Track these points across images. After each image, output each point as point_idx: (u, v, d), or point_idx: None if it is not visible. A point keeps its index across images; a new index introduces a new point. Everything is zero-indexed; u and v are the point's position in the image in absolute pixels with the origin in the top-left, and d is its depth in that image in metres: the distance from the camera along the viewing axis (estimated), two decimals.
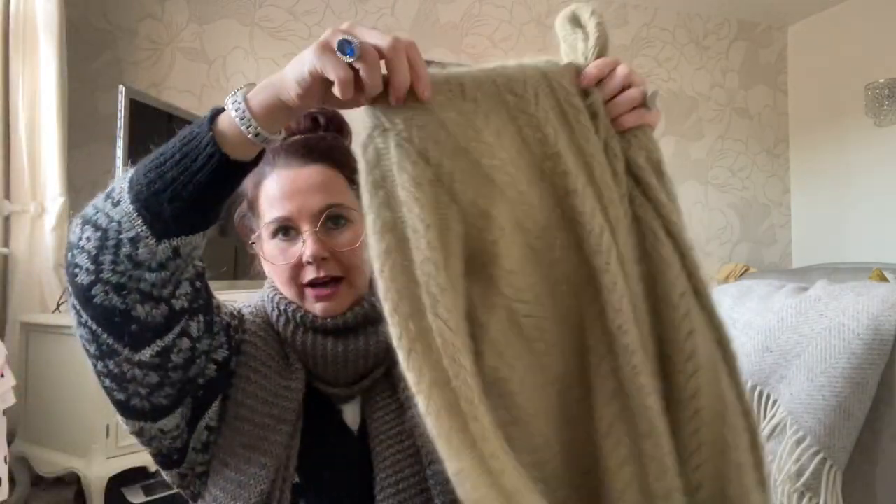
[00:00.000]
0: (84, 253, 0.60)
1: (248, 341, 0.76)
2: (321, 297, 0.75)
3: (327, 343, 0.76)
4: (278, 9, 3.09)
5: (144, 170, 0.60)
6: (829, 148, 3.90)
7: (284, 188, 0.75)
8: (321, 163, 0.77)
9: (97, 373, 0.66)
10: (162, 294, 0.62)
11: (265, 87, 0.57)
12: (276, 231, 0.76)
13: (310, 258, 0.73)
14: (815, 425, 1.01)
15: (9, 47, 2.18)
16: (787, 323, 1.10)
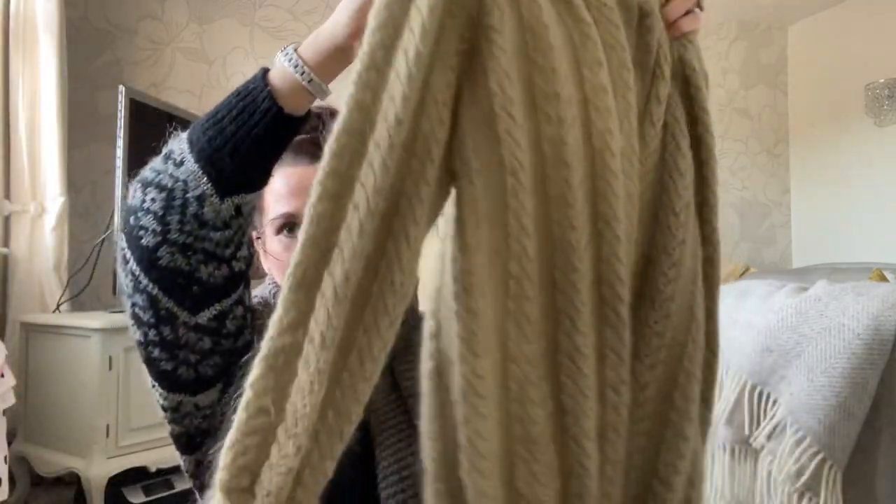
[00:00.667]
0: (150, 214, 0.61)
1: (261, 332, 0.77)
2: None
3: None
4: (278, 9, 3.09)
5: (202, 128, 0.61)
6: (829, 148, 3.90)
7: (292, 185, 0.76)
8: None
9: (147, 342, 0.67)
10: (225, 254, 0.64)
11: (315, 36, 0.61)
12: (281, 227, 0.76)
13: None
14: (815, 425, 1.01)
15: (9, 47, 2.18)
16: (787, 323, 1.10)
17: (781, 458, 1.05)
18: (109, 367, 1.79)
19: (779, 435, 1.07)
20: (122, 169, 1.72)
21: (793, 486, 1.03)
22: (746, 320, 1.18)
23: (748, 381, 1.13)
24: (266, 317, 0.76)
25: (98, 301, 2.48)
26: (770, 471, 1.09)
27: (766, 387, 1.11)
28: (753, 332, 1.15)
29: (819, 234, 3.96)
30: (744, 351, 1.15)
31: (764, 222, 4.11)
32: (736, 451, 1.18)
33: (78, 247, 2.45)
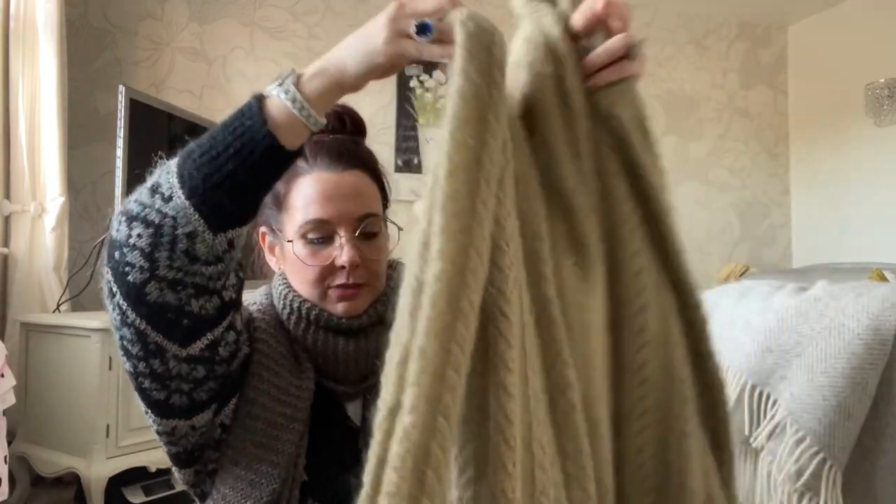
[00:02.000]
0: (136, 251, 0.59)
1: (259, 339, 0.76)
2: (345, 297, 0.76)
3: (338, 342, 0.77)
4: (278, 9, 3.08)
5: (195, 164, 0.59)
6: (829, 148, 3.90)
7: (327, 191, 0.75)
8: (360, 169, 0.78)
9: (136, 374, 0.65)
10: (216, 286, 0.63)
11: (320, 72, 0.58)
12: (308, 232, 0.75)
13: (346, 263, 0.74)
14: (815, 425, 1.01)
15: (9, 47, 2.18)
16: (787, 323, 1.10)
17: (781, 458, 1.05)
18: (109, 367, 1.79)
19: (779, 435, 1.07)
20: (122, 169, 1.72)
21: (793, 486, 1.03)
22: (746, 320, 1.18)
23: (748, 381, 1.13)
24: (266, 324, 0.78)
25: (98, 301, 2.47)
26: (770, 471, 1.09)
27: (766, 387, 1.11)
28: (753, 332, 1.15)
29: (819, 234, 3.96)
30: (744, 351, 1.15)
31: (764, 222, 4.11)
32: (736, 451, 1.18)
33: (78, 247, 2.44)
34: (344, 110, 0.84)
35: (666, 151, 4.27)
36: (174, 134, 1.99)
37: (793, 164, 4.14)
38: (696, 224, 3.92)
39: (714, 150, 3.98)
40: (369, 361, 0.77)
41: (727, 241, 4.01)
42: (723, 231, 4.00)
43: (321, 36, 3.13)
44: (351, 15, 3.18)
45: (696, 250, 3.92)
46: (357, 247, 0.75)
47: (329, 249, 0.75)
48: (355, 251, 0.74)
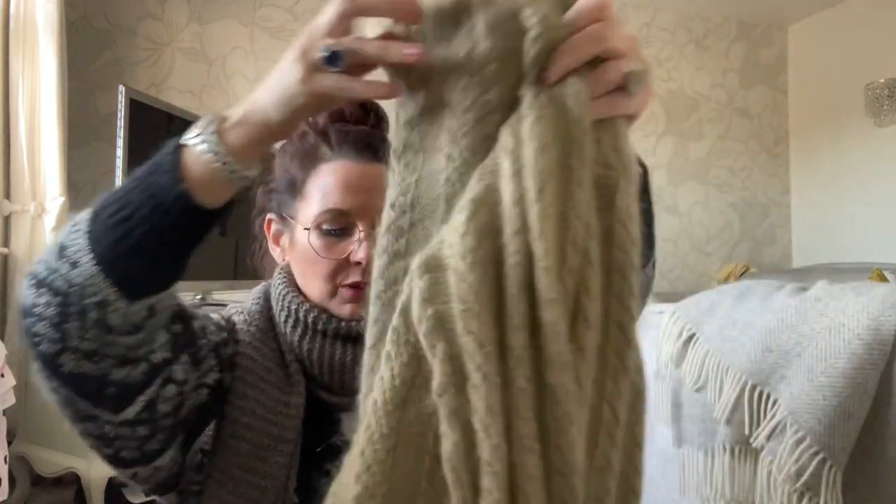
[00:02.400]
0: (44, 321, 0.51)
1: (242, 353, 0.70)
2: (355, 298, 0.70)
3: (336, 349, 0.71)
4: (278, 9, 3.09)
5: (105, 225, 0.52)
6: (828, 148, 3.90)
7: (350, 181, 0.70)
8: (383, 163, 0.68)
9: (78, 432, 0.59)
10: (139, 354, 0.56)
11: (242, 120, 0.52)
12: (325, 222, 0.70)
13: (362, 260, 0.68)
14: (815, 425, 1.01)
15: (9, 47, 2.18)
16: (787, 323, 1.10)
17: (781, 458, 1.05)
18: None
19: (779, 435, 1.07)
20: (122, 169, 1.72)
21: (793, 486, 1.03)
22: (746, 320, 1.18)
23: (748, 381, 1.13)
24: (252, 336, 0.72)
25: None
26: (770, 471, 1.09)
27: (766, 387, 1.11)
28: (753, 332, 1.15)
29: (819, 234, 3.96)
30: (744, 351, 1.15)
31: (764, 222, 4.11)
32: (736, 451, 1.18)
33: None
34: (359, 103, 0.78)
35: (666, 151, 4.31)
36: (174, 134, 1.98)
37: (793, 164, 4.14)
38: (696, 224, 3.92)
39: (714, 150, 3.98)
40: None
41: (727, 241, 4.01)
42: (723, 231, 4.00)
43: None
44: None
45: (696, 250, 3.92)
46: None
47: (345, 243, 0.70)
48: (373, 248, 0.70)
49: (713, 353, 1.21)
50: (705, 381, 1.22)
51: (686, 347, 1.28)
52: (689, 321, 1.29)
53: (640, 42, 0.54)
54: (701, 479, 1.23)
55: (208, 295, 2.07)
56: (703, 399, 1.23)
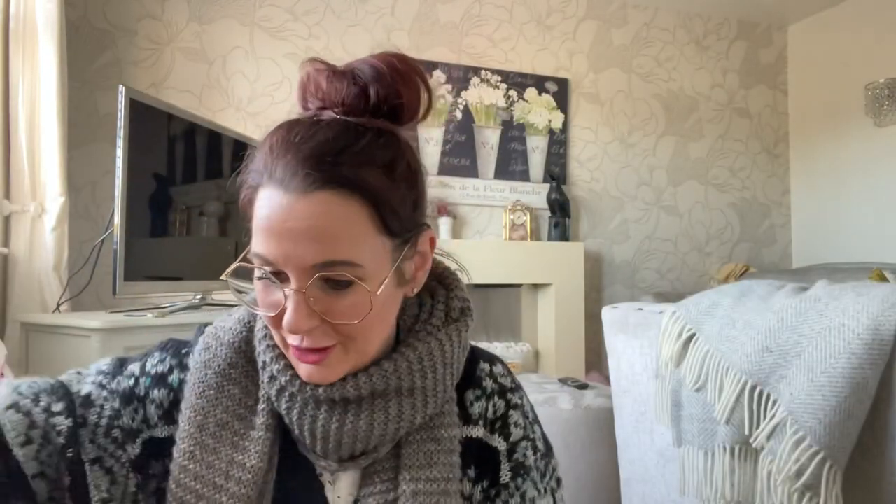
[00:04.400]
0: None
1: (192, 406, 0.59)
2: (307, 361, 0.57)
3: (319, 415, 0.59)
4: (278, 9, 3.09)
5: None
6: (828, 148, 3.90)
7: (273, 221, 0.53)
8: (334, 188, 0.52)
9: None
10: None
11: None
12: (258, 262, 0.56)
13: (285, 327, 0.54)
14: (815, 425, 1.01)
15: (9, 47, 2.17)
16: (787, 323, 1.10)
17: (781, 458, 1.05)
18: None
19: (779, 435, 1.07)
20: (122, 169, 1.72)
21: (793, 486, 1.03)
22: (746, 320, 1.18)
23: (748, 381, 1.13)
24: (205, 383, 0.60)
25: (98, 301, 2.48)
26: (770, 471, 1.09)
27: (766, 387, 1.11)
28: (753, 332, 1.15)
29: (819, 234, 3.97)
30: (744, 351, 1.15)
31: (764, 222, 4.11)
32: (736, 451, 1.18)
33: (78, 247, 2.45)
34: (376, 75, 0.57)
35: (666, 151, 4.31)
36: (174, 134, 1.99)
37: (793, 164, 4.14)
38: (696, 224, 3.92)
39: (714, 150, 3.98)
40: (359, 444, 0.60)
41: (727, 241, 4.01)
42: (723, 231, 4.00)
43: (321, 36, 3.13)
44: (351, 15, 3.18)
45: (696, 250, 3.92)
46: (308, 304, 0.53)
47: (280, 293, 0.55)
48: (303, 311, 0.53)
49: (713, 353, 1.21)
50: (705, 381, 1.22)
51: (686, 347, 1.28)
52: (689, 321, 1.29)
53: (640, 42, 0.53)
54: (701, 479, 1.23)
55: (208, 295, 2.07)
56: (703, 399, 1.23)
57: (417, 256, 0.61)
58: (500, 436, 0.67)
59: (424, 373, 0.61)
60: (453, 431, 0.63)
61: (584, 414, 1.92)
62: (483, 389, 0.68)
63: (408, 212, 0.58)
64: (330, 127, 0.55)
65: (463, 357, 0.66)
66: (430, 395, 0.61)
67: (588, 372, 3.34)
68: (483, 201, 3.44)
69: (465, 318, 0.66)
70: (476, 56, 3.45)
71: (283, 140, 0.55)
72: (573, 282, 3.36)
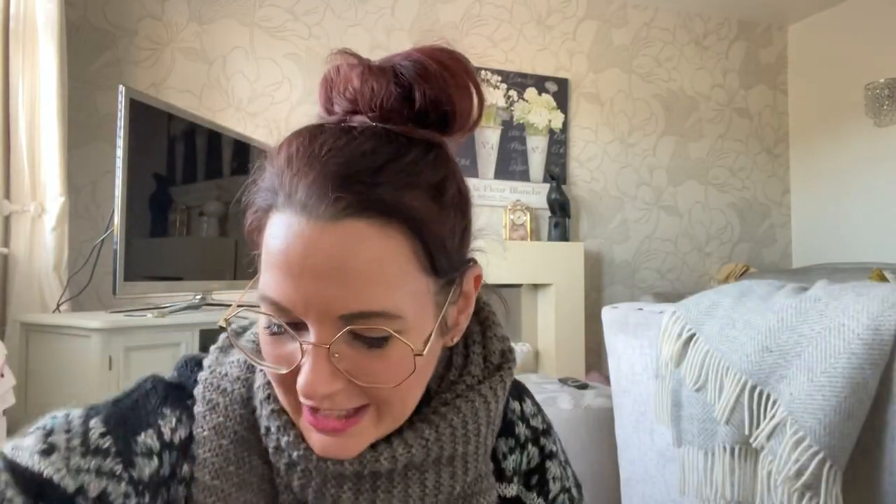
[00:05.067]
0: None
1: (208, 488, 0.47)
2: (325, 429, 0.45)
3: (342, 494, 0.47)
4: (278, 9, 3.08)
5: None
6: (828, 148, 3.90)
7: (290, 257, 0.41)
8: (371, 217, 0.41)
9: None
10: None
11: None
12: (266, 309, 0.44)
13: (304, 391, 0.42)
14: (815, 425, 1.01)
15: (9, 47, 2.17)
16: (787, 323, 1.10)
17: (781, 458, 1.05)
18: (109, 367, 1.79)
19: (779, 435, 1.07)
20: (122, 169, 1.72)
21: (793, 486, 1.03)
22: (746, 320, 1.18)
23: (748, 381, 1.13)
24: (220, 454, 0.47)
25: (98, 301, 2.48)
26: (770, 471, 1.09)
27: (766, 387, 1.11)
28: (753, 332, 1.15)
29: (819, 234, 3.97)
30: (744, 351, 1.15)
31: (764, 222, 4.11)
32: (736, 451, 1.18)
33: (78, 247, 2.45)
34: (424, 73, 0.45)
35: (666, 151, 4.30)
36: (174, 134, 1.99)
37: (793, 164, 4.14)
38: (696, 224, 3.92)
39: (714, 150, 3.98)
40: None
41: (727, 241, 4.01)
42: (723, 231, 4.00)
43: (321, 36, 3.13)
44: (350, 15, 3.18)
45: (696, 250, 3.92)
46: (332, 363, 0.42)
47: (295, 343, 0.43)
48: (324, 372, 0.42)
49: (713, 353, 1.21)
50: (705, 381, 1.22)
51: (686, 347, 1.28)
52: (689, 321, 1.29)
53: (640, 42, 0.52)
54: (701, 479, 1.23)
55: (208, 295, 2.07)
56: (703, 399, 1.23)
57: (462, 299, 0.50)
58: (539, 495, 0.60)
59: (468, 438, 0.50)
60: (492, 497, 0.54)
61: (584, 414, 1.92)
62: (517, 438, 0.60)
63: (456, 245, 0.47)
64: (366, 137, 0.43)
65: (503, 409, 0.56)
66: (470, 462, 0.51)
67: (588, 372, 3.34)
68: (483, 201, 3.44)
69: (507, 365, 0.55)
70: (476, 56, 3.45)
71: (306, 151, 0.43)
72: (573, 282, 3.36)
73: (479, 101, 0.48)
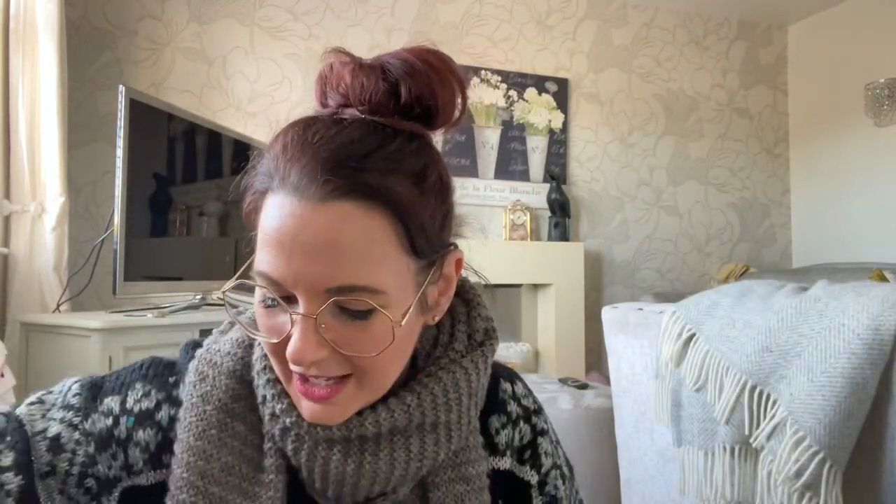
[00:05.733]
0: None
1: (190, 448, 0.51)
2: (312, 396, 0.49)
3: (332, 456, 0.51)
4: (278, 9, 3.08)
5: None
6: (828, 148, 3.90)
7: (283, 233, 0.46)
8: (357, 199, 0.46)
9: None
10: None
11: None
12: (261, 285, 0.49)
13: (294, 359, 0.47)
14: (815, 425, 1.01)
15: (9, 47, 2.17)
16: (787, 323, 1.10)
17: (781, 458, 1.05)
18: (109, 367, 1.79)
19: (779, 435, 1.07)
20: (122, 169, 1.72)
21: (793, 486, 1.03)
22: (746, 320, 1.18)
23: (748, 381, 1.13)
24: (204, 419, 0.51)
25: (98, 301, 2.48)
26: (770, 471, 1.09)
27: (766, 387, 1.11)
28: (753, 332, 1.15)
29: (819, 234, 3.97)
30: (744, 351, 1.15)
31: (764, 222, 4.11)
32: (736, 451, 1.18)
33: (78, 247, 2.45)
34: (410, 71, 0.50)
35: (666, 151, 4.30)
36: (174, 134, 1.99)
37: (793, 164, 4.14)
38: (696, 224, 3.93)
39: (714, 150, 3.98)
40: (377, 485, 0.53)
41: (727, 241, 4.01)
42: (723, 231, 4.00)
43: (321, 36, 3.13)
44: (351, 15, 3.18)
45: (696, 250, 3.92)
46: (319, 332, 0.46)
47: (285, 317, 0.48)
48: (311, 340, 0.46)
49: (713, 353, 1.21)
50: (705, 381, 1.22)
51: (686, 347, 1.28)
52: (689, 321, 1.29)
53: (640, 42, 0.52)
54: (701, 479, 1.23)
55: (208, 295, 2.07)
56: (703, 399, 1.23)
57: (442, 281, 0.54)
58: (532, 468, 0.64)
59: (449, 406, 0.55)
60: (481, 467, 0.58)
61: (584, 414, 1.92)
62: (508, 415, 0.64)
63: (436, 230, 0.51)
64: (354, 127, 0.48)
65: (486, 383, 0.60)
66: (454, 430, 0.56)
67: (588, 372, 3.34)
68: (483, 201, 3.44)
69: (489, 342, 0.60)
70: (476, 56, 3.45)
71: (300, 140, 0.47)
72: (573, 282, 3.36)
73: (462, 99, 0.53)
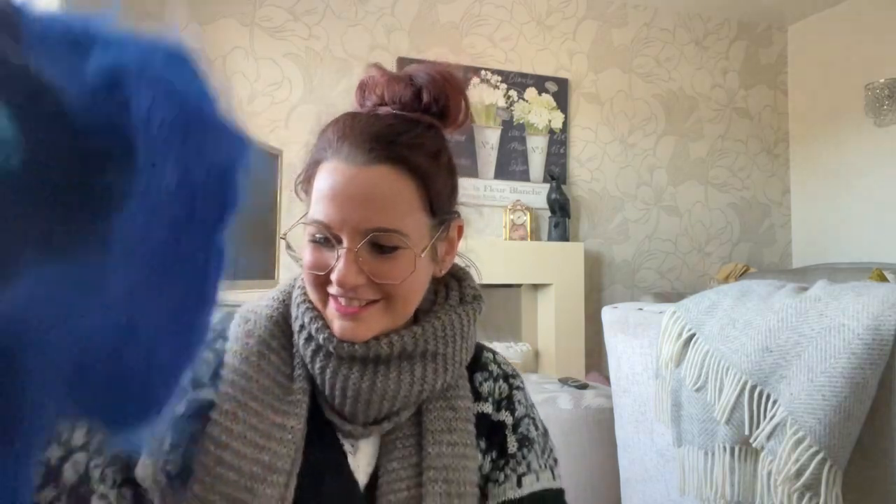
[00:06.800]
0: None
1: (234, 368, 0.64)
2: (344, 314, 0.63)
3: (351, 374, 0.64)
4: (278, 9, 3.09)
5: None
6: (828, 148, 3.90)
7: (335, 188, 0.61)
8: (391, 164, 0.62)
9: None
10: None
11: None
12: (312, 231, 0.64)
13: (334, 281, 0.61)
14: (815, 425, 1.01)
15: None
16: (787, 323, 1.10)
17: (781, 458, 1.05)
18: None
19: (779, 435, 1.07)
20: None
21: (793, 486, 1.03)
22: (746, 320, 1.18)
23: (748, 381, 1.13)
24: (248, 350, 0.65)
25: None
26: (770, 471, 1.09)
27: (766, 387, 1.11)
28: (753, 332, 1.15)
29: (819, 234, 3.97)
30: (744, 351, 1.15)
31: (764, 222, 4.11)
32: (736, 451, 1.18)
33: None
34: (430, 80, 0.67)
35: (666, 151, 4.30)
36: None
37: (793, 164, 4.14)
38: (696, 224, 3.93)
39: (714, 150, 3.99)
40: (386, 403, 0.65)
41: (727, 241, 4.01)
42: (723, 231, 4.00)
43: (321, 36, 3.14)
44: (351, 15, 3.19)
45: (696, 250, 3.92)
46: (358, 263, 0.61)
47: (332, 253, 0.63)
48: (352, 269, 0.61)
49: (713, 353, 1.21)
50: (705, 381, 1.22)
51: (686, 347, 1.28)
52: (689, 321, 1.29)
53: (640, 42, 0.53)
54: (701, 479, 1.23)
55: None
56: (703, 399, 1.23)
57: (447, 241, 0.71)
58: (507, 411, 0.75)
59: (446, 340, 0.68)
60: (467, 403, 0.71)
61: (584, 414, 1.92)
62: (490, 372, 0.77)
63: (446, 197, 0.68)
64: (388, 118, 0.65)
65: (475, 337, 0.73)
66: (449, 363, 0.68)
67: (588, 372, 3.34)
68: (483, 201, 3.44)
69: (478, 302, 0.74)
70: (476, 56, 3.45)
71: (348, 124, 0.64)
72: (573, 282, 3.36)
73: (465, 105, 0.70)
